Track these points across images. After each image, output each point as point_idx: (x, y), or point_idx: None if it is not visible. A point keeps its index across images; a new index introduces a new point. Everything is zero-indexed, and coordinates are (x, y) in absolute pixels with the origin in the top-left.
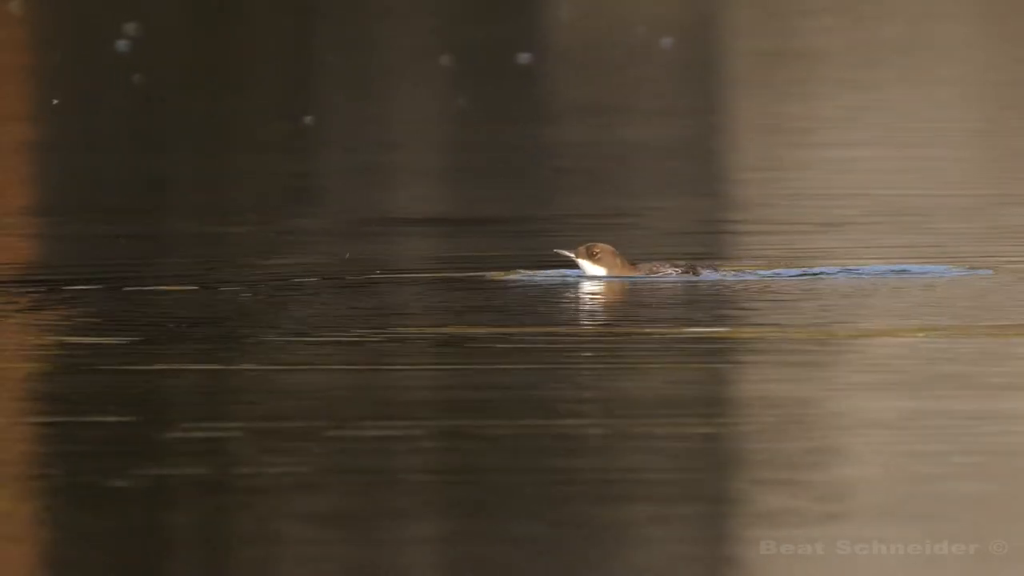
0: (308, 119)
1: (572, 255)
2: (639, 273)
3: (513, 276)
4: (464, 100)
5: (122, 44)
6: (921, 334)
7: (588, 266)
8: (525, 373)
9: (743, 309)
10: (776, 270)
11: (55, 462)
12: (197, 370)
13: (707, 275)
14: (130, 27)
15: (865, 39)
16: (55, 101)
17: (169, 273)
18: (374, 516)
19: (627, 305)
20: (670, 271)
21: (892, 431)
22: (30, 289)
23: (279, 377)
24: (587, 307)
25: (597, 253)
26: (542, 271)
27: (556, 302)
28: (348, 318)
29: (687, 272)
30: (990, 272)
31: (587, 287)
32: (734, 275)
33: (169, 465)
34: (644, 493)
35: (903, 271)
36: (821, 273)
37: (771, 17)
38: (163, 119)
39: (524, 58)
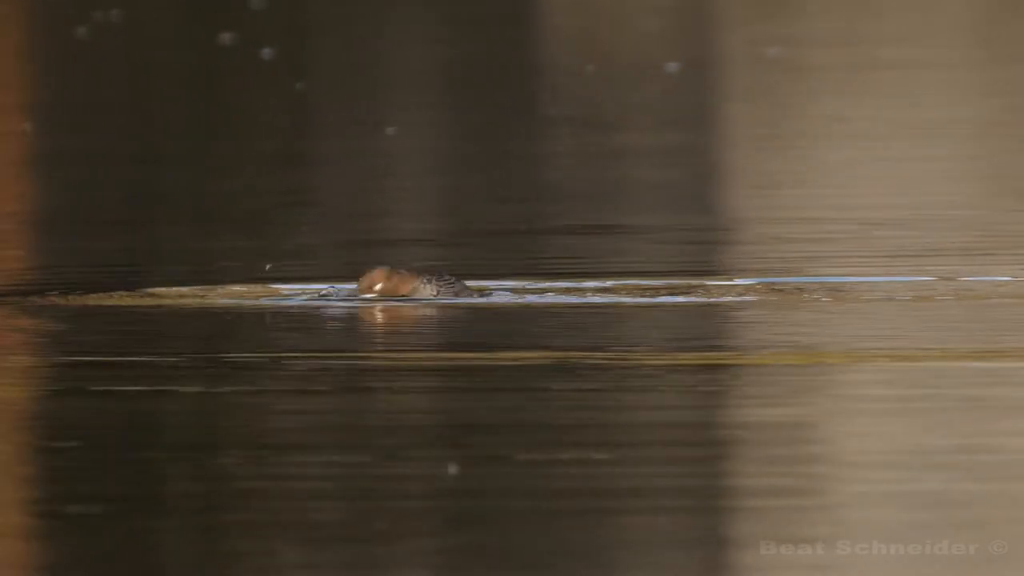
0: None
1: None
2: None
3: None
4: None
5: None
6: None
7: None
8: (504, 397)
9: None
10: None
11: (37, 484)
12: (185, 392)
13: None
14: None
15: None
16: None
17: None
18: (369, 538)
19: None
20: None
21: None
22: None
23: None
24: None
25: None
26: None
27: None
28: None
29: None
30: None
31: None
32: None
33: (157, 486)
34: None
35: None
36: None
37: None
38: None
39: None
